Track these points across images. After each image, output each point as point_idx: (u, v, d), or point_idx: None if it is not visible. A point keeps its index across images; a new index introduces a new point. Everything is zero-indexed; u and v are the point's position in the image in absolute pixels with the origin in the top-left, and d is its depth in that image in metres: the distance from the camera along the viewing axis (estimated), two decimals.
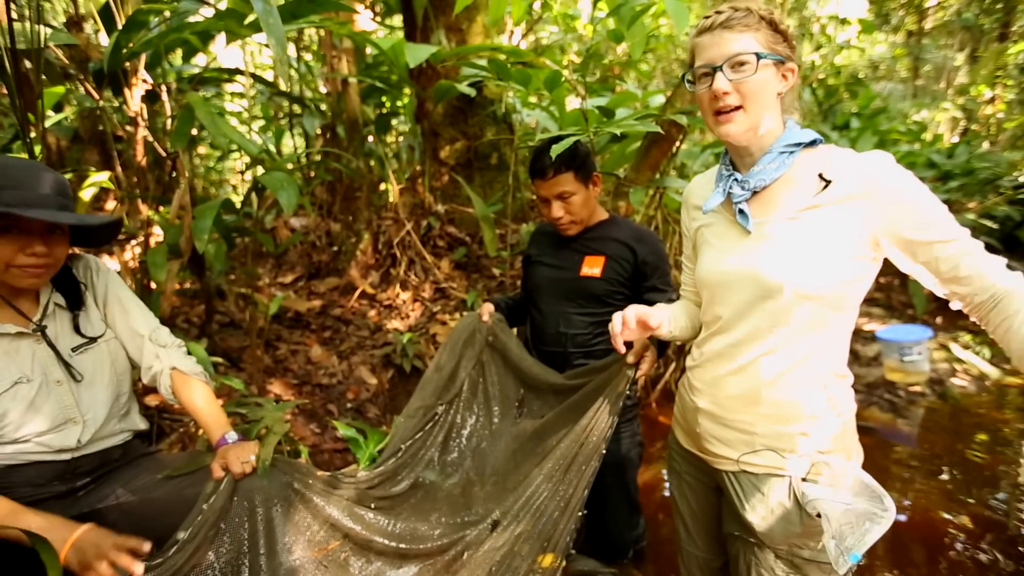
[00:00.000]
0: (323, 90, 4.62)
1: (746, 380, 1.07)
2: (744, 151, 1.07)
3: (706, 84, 1.02)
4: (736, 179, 1.07)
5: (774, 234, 1.03)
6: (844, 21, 7.98)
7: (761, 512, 1.06)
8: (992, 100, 8.24)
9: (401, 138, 4.99)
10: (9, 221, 1.19)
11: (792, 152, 1.03)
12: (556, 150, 1.66)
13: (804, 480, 1.03)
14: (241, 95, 4.96)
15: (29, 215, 1.17)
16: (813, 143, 1.04)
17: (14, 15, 1.78)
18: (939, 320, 4.57)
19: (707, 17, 1.03)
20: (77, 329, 1.39)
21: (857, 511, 0.94)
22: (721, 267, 1.10)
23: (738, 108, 1.01)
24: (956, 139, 7.83)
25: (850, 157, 1.00)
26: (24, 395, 1.28)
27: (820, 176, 1.00)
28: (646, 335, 1.31)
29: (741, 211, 1.06)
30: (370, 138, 4.26)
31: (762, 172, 1.04)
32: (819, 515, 0.97)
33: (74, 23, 3.17)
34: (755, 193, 1.06)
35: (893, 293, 5.07)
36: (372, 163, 4.14)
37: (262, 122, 5.13)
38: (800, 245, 1.00)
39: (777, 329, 1.03)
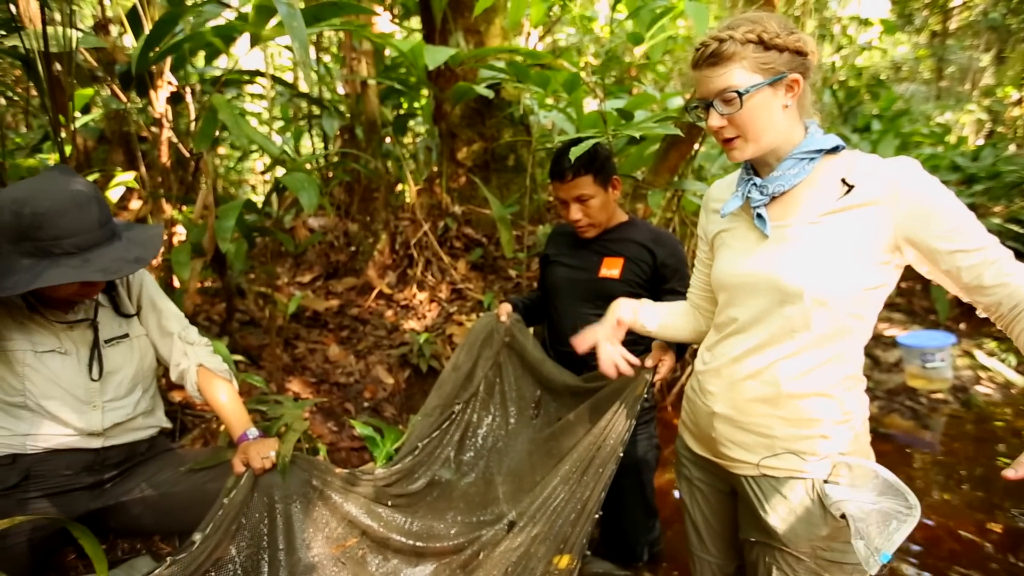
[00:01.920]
0: (342, 91, 4.67)
1: (765, 384, 1.06)
2: (761, 159, 1.07)
3: (705, 117, 1.04)
4: (755, 184, 1.07)
5: (794, 238, 1.03)
6: (866, 22, 7.88)
7: (784, 515, 1.06)
8: (1019, 102, 8.07)
9: (418, 139, 5.02)
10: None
11: (813, 158, 1.03)
12: (575, 152, 1.66)
13: (826, 482, 1.03)
14: (261, 97, 5.03)
15: (100, 278, 1.24)
16: (835, 149, 1.03)
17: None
18: (963, 326, 4.48)
19: (697, 48, 1.03)
20: (117, 310, 1.45)
21: (883, 510, 0.93)
22: (739, 270, 1.10)
23: (737, 137, 1.03)
24: (981, 142, 7.67)
25: (874, 162, 1.00)
26: (56, 365, 1.34)
27: (843, 181, 1.00)
28: (622, 332, 1.38)
29: (759, 215, 1.06)
30: (388, 139, 4.30)
31: (781, 178, 1.04)
32: (843, 516, 0.97)
33: (101, 26, 3.24)
34: (775, 197, 1.06)
35: (915, 298, 4.99)
36: (390, 164, 4.17)
37: (281, 123, 5.20)
38: (821, 250, 0.99)
39: (796, 333, 1.02)
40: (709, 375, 1.16)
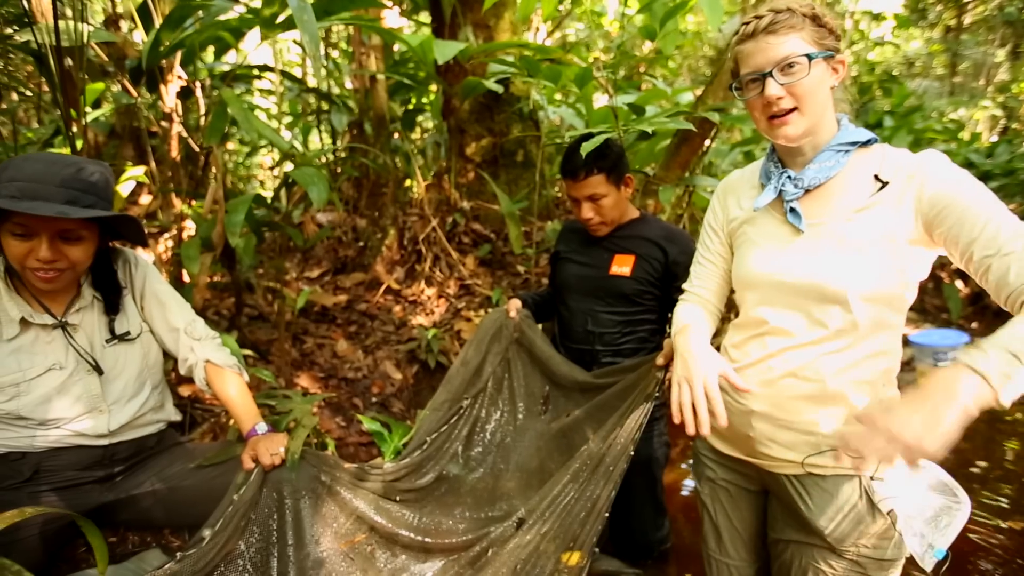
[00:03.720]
0: (350, 87, 4.66)
1: (808, 381, 1.03)
2: (796, 150, 1.05)
3: (756, 91, 1.00)
4: (789, 176, 1.04)
5: (830, 236, 1.00)
6: (879, 16, 7.78)
7: (830, 514, 1.03)
8: None
9: (427, 135, 5.01)
10: (19, 220, 1.17)
11: (848, 151, 1.01)
12: (586, 148, 1.64)
13: (872, 478, 1.01)
14: (270, 92, 5.03)
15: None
16: (868, 143, 1.02)
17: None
18: (975, 325, 4.43)
19: (747, 23, 1.00)
20: (112, 329, 1.41)
21: (933, 505, 0.92)
22: (771, 268, 1.06)
23: (793, 110, 0.99)
24: (995, 138, 7.57)
25: (903, 157, 0.99)
26: (54, 380, 1.32)
27: (876, 177, 0.98)
28: None
29: (792, 210, 1.03)
30: (396, 135, 4.29)
31: (818, 170, 1.02)
32: (890, 512, 0.95)
33: (112, 22, 3.25)
34: (806, 192, 1.04)
35: (927, 296, 4.94)
36: (398, 159, 4.16)
37: (290, 119, 5.20)
38: (859, 248, 0.97)
39: (839, 330, 1.00)
40: (744, 373, 1.11)
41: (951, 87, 9.24)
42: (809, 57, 0.95)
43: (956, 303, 4.50)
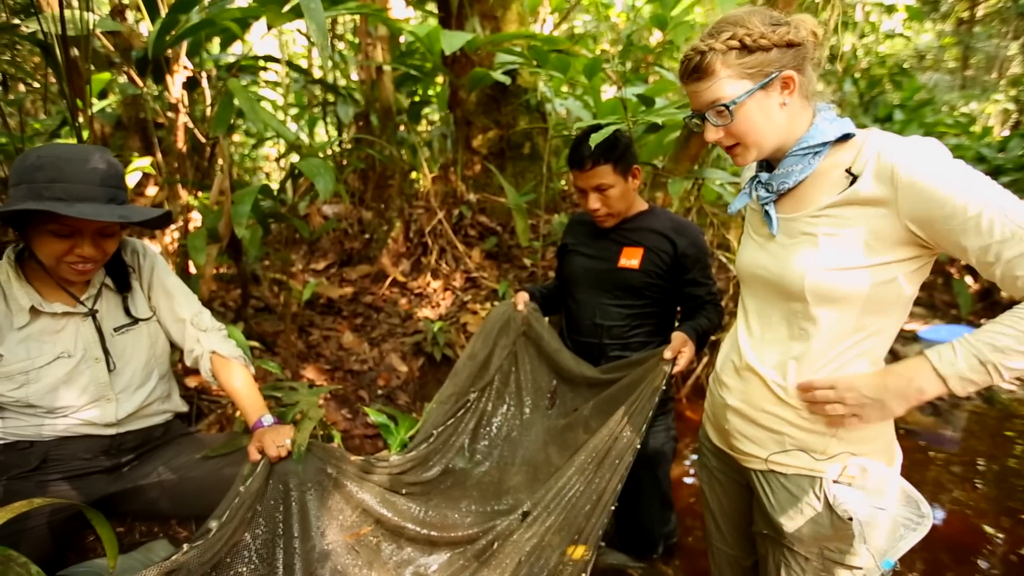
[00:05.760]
0: (356, 78, 4.63)
1: (775, 380, 1.04)
2: (770, 155, 1.04)
3: (703, 128, 1.02)
4: (760, 181, 1.05)
5: (799, 233, 0.99)
6: (890, 8, 7.67)
7: (790, 513, 1.04)
8: None
9: (433, 127, 4.99)
10: (66, 222, 1.21)
11: (818, 152, 0.98)
12: (595, 139, 1.63)
13: (836, 482, 1.00)
14: (276, 83, 5.02)
15: (72, 213, 1.16)
16: (844, 138, 0.97)
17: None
18: (984, 321, 4.39)
19: (681, 62, 1.00)
20: (127, 310, 1.43)
21: (892, 516, 0.92)
22: (751, 261, 1.09)
23: (737, 144, 1.00)
24: (1007, 132, 7.48)
25: (881, 147, 0.90)
26: (63, 369, 1.33)
27: (848, 171, 0.94)
28: None
29: (767, 213, 1.04)
30: (402, 127, 4.27)
31: (784, 176, 1.01)
32: (850, 518, 0.95)
33: (118, 11, 3.24)
34: (783, 194, 1.04)
35: (936, 292, 4.90)
36: (404, 151, 4.15)
37: (296, 110, 5.19)
38: (823, 246, 0.95)
39: (805, 331, 0.99)
40: (725, 367, 1.15)
41: (963, 80, 9.12)
42: (727, 106, 0.95)
43: (966, 299, 4.47)
